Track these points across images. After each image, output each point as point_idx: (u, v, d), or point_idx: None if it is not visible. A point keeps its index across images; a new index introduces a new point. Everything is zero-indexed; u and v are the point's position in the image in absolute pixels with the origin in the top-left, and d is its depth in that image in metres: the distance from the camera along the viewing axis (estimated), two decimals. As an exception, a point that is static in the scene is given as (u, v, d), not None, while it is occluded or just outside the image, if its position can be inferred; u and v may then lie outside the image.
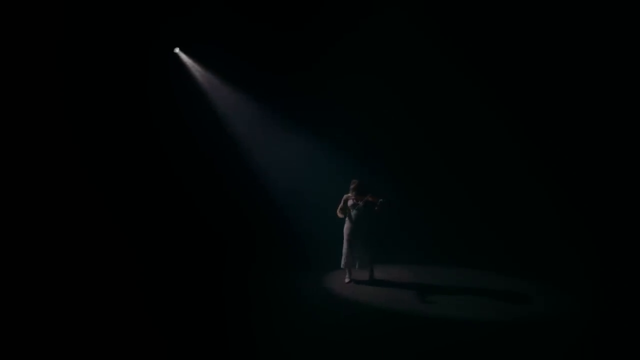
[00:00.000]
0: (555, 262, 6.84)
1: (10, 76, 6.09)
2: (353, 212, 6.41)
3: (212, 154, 8.11)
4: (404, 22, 7.50)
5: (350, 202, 6.44)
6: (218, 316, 5.36)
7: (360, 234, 6.40)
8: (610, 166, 7.42)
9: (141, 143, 7.60)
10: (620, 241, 6.83)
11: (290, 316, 5.44)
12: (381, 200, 6.23)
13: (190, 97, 8.05)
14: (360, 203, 6.34)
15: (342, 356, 4.53)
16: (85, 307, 5.06)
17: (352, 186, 6.44)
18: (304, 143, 8.31)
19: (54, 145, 6.51)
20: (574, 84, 7.46)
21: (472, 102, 7.90)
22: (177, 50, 7.93)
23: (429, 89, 8.00)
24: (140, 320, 4.93)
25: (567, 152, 7.72)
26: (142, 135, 7.60)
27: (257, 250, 7.75)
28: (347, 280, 6.55)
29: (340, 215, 6.46)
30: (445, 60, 7.71)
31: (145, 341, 4.50)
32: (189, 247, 7.44)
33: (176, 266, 6.81)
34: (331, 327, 5.16)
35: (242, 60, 7.92)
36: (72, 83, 6.81)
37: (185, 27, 7.60)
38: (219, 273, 6.80)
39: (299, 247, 7.67)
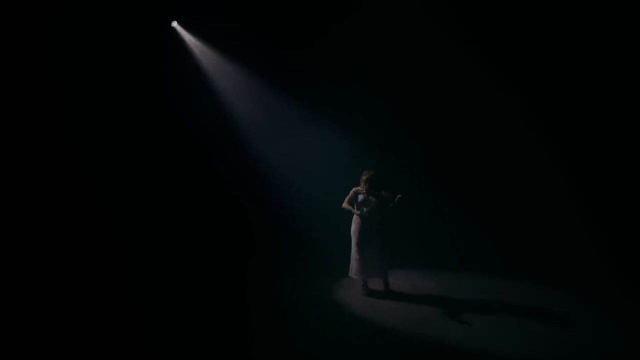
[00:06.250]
0: (593, 272, 5.95)
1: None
2: (364, 210, 5.45)
3: (210, 141, 7.32)
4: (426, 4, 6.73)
5: (360, 197, 5.48)
6: (212, 330, 4.76)
7: (372, 235, 5.45)
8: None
9: (132, 128, 6.83)
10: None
11: (291, 333, 4.70)
12: (400, 196, 5.23)
13: (188, 76, 7.23)
14: (373, 199, 5.40)
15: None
16: (77, 307, 4.82)
17: (363, 177, 5.45)
18: (314, 131, 7.44)
19: (39, 124, 5.87)
20: (609, 77, 6.55)
21: (497, 96, 7.07)
22: (174, 24, 7.10)
23: (448, 80, 7.20)
24: (133, 323, 4.63)
25: (602, 152, 6.88)
26: (133, 119, 6.81)
27: (257, 253, 6.98)
28: (364, 291, 5.63)
29: (346, 206, 5.52)
30: (463, 53, 6.94)
31: (137, 348, 4.25)
32: (184, 244, 6.80)
33: (171, 266, 6.24)
34: (336, 347, 4.38)
35: (248, 37, 7.05)
36: (58, 60, 6.08)
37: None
38: (215, 278, 6.14)
39: (305, 250, 6.88)
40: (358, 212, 5.46)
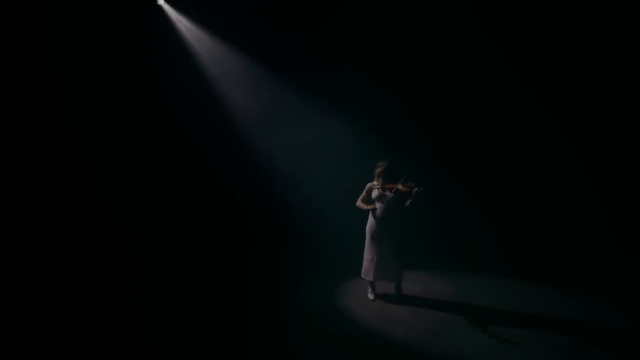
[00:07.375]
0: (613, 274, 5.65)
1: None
2: (379, 206, 4.95)
3: (204, 133, 6.81)
4: None
5: (375, 193, 4.98)
6: (209, 336, 4.46)
7: (388, 234, 4.93)
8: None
9: (117, 119, 6.30)
10: None
11: (290, 341, 4.30)
12: (416, 189, 4.71)
13: (178, 61, 6.68)
14: (389, 194, 4.89)
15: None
16: (73, 306, 4.69)
17: (377, 171, 4.95)
18: (318, 121, 6.96)
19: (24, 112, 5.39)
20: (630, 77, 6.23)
21: (514, 95, 6.72)
22: (161, 1, 6.54)
23: (464, 77, 6.83)
24: (128, 324, 4.50)
25: (619, 152, 6.61)
26: (117, 109, 6.28)
27: (258, 253, 6.56)
28: (371, 296, 5.18)
29: (361, 205, 5.02)
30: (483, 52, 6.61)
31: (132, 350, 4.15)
32: (181, 244, 6.42)
33: (167, 267, 5.90)
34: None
35: (242, 17, 6.54)
36: (36, 42, 5.49)
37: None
38: (213, 279, 5.75)
39: (309, 250, 6.44)
40: (370, 207, 4.98)
